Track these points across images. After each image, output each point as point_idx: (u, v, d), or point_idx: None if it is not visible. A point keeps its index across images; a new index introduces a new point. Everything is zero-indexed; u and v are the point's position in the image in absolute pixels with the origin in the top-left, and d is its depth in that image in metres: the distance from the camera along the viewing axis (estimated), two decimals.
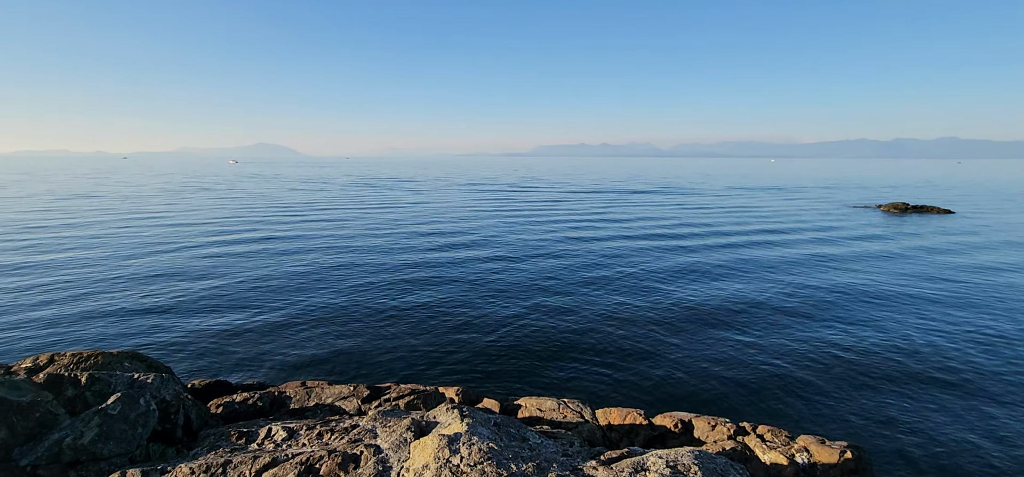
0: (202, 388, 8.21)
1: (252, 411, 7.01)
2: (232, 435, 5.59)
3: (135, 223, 31.60)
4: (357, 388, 7.66)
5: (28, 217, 33.74)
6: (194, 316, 14.02)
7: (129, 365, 7.31)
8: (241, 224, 31.66)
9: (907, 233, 29.39)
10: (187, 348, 11.97)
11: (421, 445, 4.22)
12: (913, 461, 7.89)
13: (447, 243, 25.18)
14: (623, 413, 7.21)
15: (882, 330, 13.25)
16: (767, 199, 51.14)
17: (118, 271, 18.83)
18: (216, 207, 40.99)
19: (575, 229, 30.18)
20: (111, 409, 5.10)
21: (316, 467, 4.14)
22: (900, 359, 11.47)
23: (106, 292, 16.16)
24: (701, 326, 13.51)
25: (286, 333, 12.87)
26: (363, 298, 15.72)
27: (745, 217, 36.34)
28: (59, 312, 14.27)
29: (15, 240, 25.01)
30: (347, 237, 26.90)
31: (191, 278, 17.90)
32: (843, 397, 9.78)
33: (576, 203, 45.84)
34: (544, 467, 3.91)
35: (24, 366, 6.81)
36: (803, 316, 14.33)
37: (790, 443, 6.45)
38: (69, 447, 4.66)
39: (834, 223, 33.57)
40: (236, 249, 23.30)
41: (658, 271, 19.44)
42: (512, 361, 11.38)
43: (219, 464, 4.44)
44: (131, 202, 44.22)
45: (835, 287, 17.24)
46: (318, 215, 36.55)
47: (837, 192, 61.37)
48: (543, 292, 16.53)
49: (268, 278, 17.98)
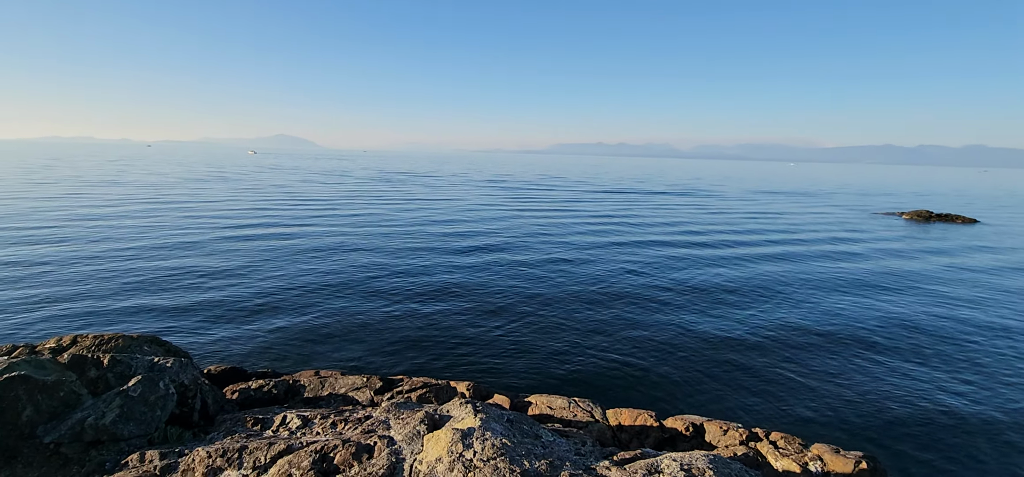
0: (218, 374, 8.35)
1: (267, 398, 7.11)
2: (248, 421, 5.67)
3: (156, 210, 32.23)
4: (370, 379, 7.73)
5: (56, 203, 34.60)
6: (209, 303, 14.25)
7: (148, 348, 7.47)
8: (258, 215, 32.11)
9: (930, 241, 28.81)
10: (202, 334, 12.17)
11: (434, 438, 4.24)
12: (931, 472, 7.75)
13: (461, 239, 25.27)
14: (634, 414, 7.17)
15: (899, 341, 13.01)
16: (788, 204, 50.40)
17: (138, 256, 19.22)
18: (234, 197, 41.63)
19: (591, 229, 30.08)
20: (132, 391, 5.21)
21: (330, 456, 4.19)
22: (922, 369, 11.26)
23: (125, 277, 16.50)
24: (716, 330, 13.38)
25: (300, 323, 13.01)
26: (376, 290, 15.84)
27: (765, 222, 35.88)
28: (81, 293, 14.61)
29: (41, 226, 25.66)
30: (363, 230, 27.13)
31: (208, 266, 18.20)
32: (859, 408, 9.62)
33: (594, 203, 45.61)
34: (557, 465, 3.90)
35: (48, 346, 6.99)
36: (817, 323, 14.11)
37: (803, 451, 6.36)
38: (91, 427, 4.77)
39: (854, 230, 33.00)
40: (252, 239, 23.63)
41: (673, 274, 19.30)
42: (520, 358, 11.38)
43: (235, 449, 4.51)
44: (154, 190, 45.10)
45: (855, 295, 16.94)
46: (335, 208, 36.90)
47: (858, 198, 60.33)
48: (555, 290, 16.50)
49: (283, 268, 18.21)
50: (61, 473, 4.48)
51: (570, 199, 48.58)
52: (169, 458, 4.52)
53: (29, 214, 28.49)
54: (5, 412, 4.65)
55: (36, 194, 38.37)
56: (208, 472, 4.26)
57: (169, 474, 4.31)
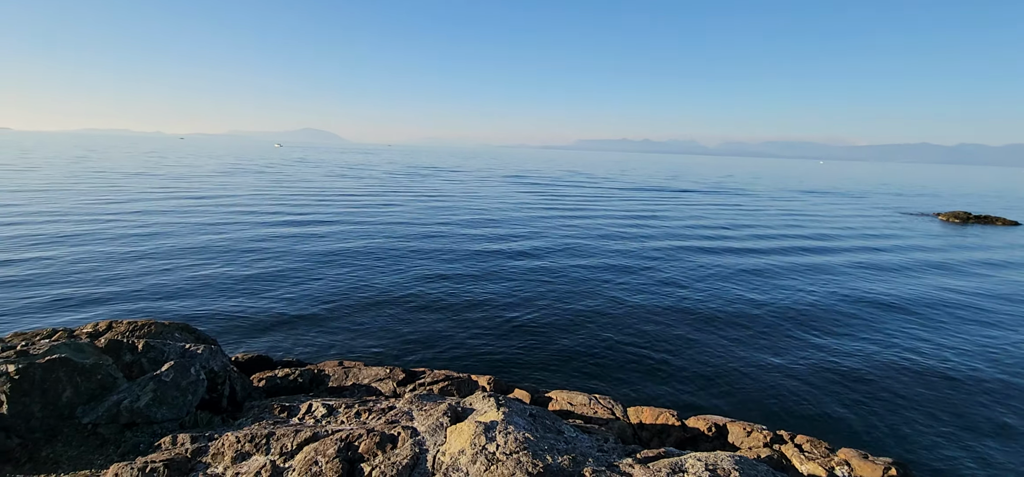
0: (245, 362, 8.55)
1: (293, 386, 7.25)
2: (275, 408, 5.80)
3: (187, 202, 33.12)
4: (393, 370, 7.82)
5: (99, 192, 35.83)
6: (236, 293, 14.58)
7: (180, 335, 7.68)
8: (285, 208, 32.71)
9: (966, 245, 27.81)
10: (228, 322, 12.47)
11: (457, 431, 4.27)
12: None
13: (486, 235, 25.34)
14: (655, 413, 7.11)
15: (928, 345, 12.61)
16: (822, 204, 49.11)
17: (168, 246, 19.79)
18: (262, 190, 42.47)
19: (618, 227, 29.84)
20: (165, 376, 5.37)
21: (355, 445, 4.25)
22: (955, 377, 10.90)
23: (156, 264, 17.01)
24: (740, 330, 13.17)
25: (323, 313, 13.24)
26: (399, 284, 16.01)
27: (796, 221, 35.09)
28: (112, 277, 15.12)
29: (77, 213, 26.60)
30: (386, 225, 27.43)
31: (235, 256, 18.62)
32: (890, 414, 9.36)
33: (621, 201, 45.11)
34: (580, 461, 3.89)
35: (86, 331, 7.24)
36: (844, 326, 13.76)
37: (830, 455, 6.22)
38: (126, 409, 4.94)
39: (888, 231, 32.04)
40: (278, 231, 24.10)
41: (697, 272, 19.04)
42: (540, 353, 11.38)
43: (263, 435, 4.62)
44: (186, 182, 46.32)
45: (884, 298, 16.47)
46: (359, 202, 37.35)
47: (892, 198, 58.57)
48: (576, 288, 16.45)
49: (309, 260, 18.54)
50: (98, 453, 4.65)
51: (595, 197, 48.17)
52: (200, 441, 4.65)
53: (60, 202, 29.59)
54: (47, 393, 4.85)
55: (74, 186, 39.81)
56: (237, 456, 4.37)
57: (200, 457, 4.43)
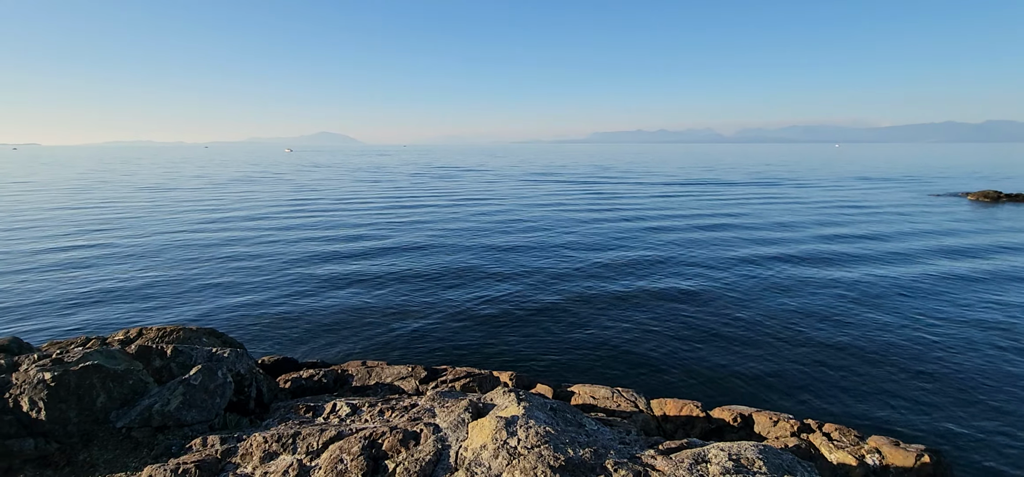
0: (271, 364, 8.71)
1: (317, 387, 7.37)
2: (300, 409, 5.90)
3: (202, 210, 33.82)
4: (415, 369, 7.89)
5: (124, 204, 36.81)
6: (259, 297, 14.86)
7: (207, 340, 7.85)
8: (300, 211, 33.20)
9: (999, 225, 26.97)
10: (253, 327, 12.72)
11: (479, 426, 4.30)
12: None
13: (505, 232, 25.39)
14: (679, 404, 7.05)
15: (960, 330, 12.27)
16: (846, 187, 48.05)
17: (192, 253, 20.23)
18: (279, 196, 43.12)
19: (631, 223, 29.59)
20: (193, 380, 5.51)
21: (379, 442, 4.31)
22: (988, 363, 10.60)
23: (179, 270, 17.41)
24: (764, 320, 12.99)
25: (345, 315, 13.42)
26: (419, 283, 16.14)
27: (820, 208, 34.41)
28: (137, 286, 15.52)
29: (105, 226, 27.35)
30: (402, 224, 27.66)
31: (256, 261, 18.97)
32: (921, 399, 9.14)
33: (641, 194, 44.55)
34: (601, 454, 3.89)
35: (117, 338, 7.45)
36: (868, 312, 13.47)
37: (860, 443, 6.10)
38: (157, 413, 5.08)
39: (917, 212, 31.23)
40: (295, 235, 24.47)
41: (714, 261, 18.83)
42: (561, 348, 11.37)
43: (289, 435, 4.71)
44: (204, 191, 47.26)
45: (911, 280, 16.08)
46: (376, 203, 37.70)
47: (915, 181, 57.11)
48: (597, 284, 16.39)
49: (329, 263, 18.80)
50: (133, 456, 4.79)
51: (612, 193, 47.76)
52: (229, 443, 4.76)
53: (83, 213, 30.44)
54: (82, 398, 5.02)
55: (94, 198, 40.93)
56: (265, 456, 4.46)
57: (229, 458, 4.53)
